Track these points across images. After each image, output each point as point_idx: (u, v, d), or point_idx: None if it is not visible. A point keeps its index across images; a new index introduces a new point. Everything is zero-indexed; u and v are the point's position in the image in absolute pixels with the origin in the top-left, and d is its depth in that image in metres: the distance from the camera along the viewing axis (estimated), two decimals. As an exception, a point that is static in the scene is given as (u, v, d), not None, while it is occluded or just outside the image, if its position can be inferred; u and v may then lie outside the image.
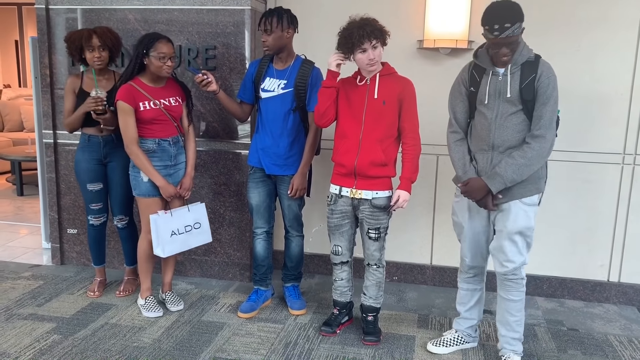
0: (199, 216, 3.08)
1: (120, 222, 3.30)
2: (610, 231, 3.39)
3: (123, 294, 3.32)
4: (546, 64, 2.37)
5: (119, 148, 3.07)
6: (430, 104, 3.22)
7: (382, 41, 2.57)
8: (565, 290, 3.49)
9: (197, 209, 3.08)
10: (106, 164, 3.19)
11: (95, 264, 3.40)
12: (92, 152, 3.15)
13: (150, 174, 2.89)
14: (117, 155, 3.15)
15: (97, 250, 3.37)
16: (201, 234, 3.11)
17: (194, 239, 3.08)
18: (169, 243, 2.97)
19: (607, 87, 3.25)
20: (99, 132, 3.12)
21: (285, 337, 2.88)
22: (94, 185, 3.20)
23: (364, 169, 2.65)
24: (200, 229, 3.09)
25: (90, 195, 3.21)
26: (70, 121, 3.10)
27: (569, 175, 3.35)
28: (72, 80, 3.13)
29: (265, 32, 2.83)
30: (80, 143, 3.18)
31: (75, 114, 3.06)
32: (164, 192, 2.93)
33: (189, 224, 3.04)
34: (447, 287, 3.61)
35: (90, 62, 3.05)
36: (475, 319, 2.76)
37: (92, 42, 3.00)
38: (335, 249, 2.85)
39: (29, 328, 2.91)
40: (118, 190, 3.22)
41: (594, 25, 3.20)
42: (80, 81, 3.12)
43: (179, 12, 3.40)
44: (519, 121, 2.39)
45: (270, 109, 2.95)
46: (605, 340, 2.95)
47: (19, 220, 4.98)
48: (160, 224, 2.94)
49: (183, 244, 3.04)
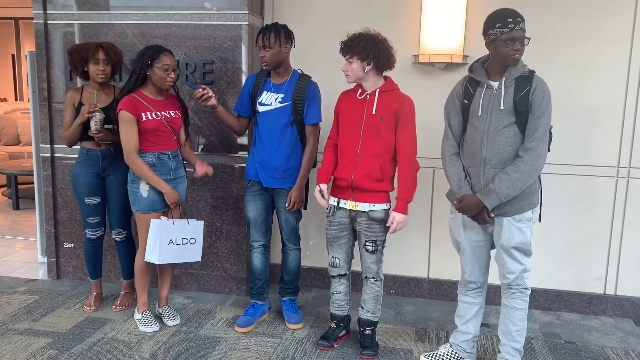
0: (195, 232, 3.07)
1: (118, 236, 3.29)
2: (606, 244, 3.40)
3: (120, 308, 3.31)
4: (540, 79, 2.41)
5: (118, 162, 3.08)
6: (426, 118, 3.23)
7: (363, 58, 2.60)
8: (562, 303, 3.50)
9: (196, 225, 3.07)
10: (104, 178, 3.19)
11: (92, 278, 3.37)
12: (90, 166, 3.15)
13: (155, 182, 2.88)
14: (115, 168, 3.15)
15: (94, 264, 3.35)
16: (193, 251, 3.06)
17: (186, 254, 3.04)
18: (165, 251, 2.94)
19: (600, 101, 3.29)
20: (97, 146, 3.12)
21: (282, 352, 2.87)
22: (92, 199, 3.19)
23: (360, 182, 2.67)
24: (194, 245, 3.06)
25: (88, 208, 3.20)
26: (68, 134, 3.10)
27: (564, 189, 3.38)
28: (72, 94, 3.14)
29: (264, 48, 2.85)
30: (79, 157, 3.18)
31: (72, 126, 3.07)
32: (170, 198, 2.91)
33: (186, 237, 3.03)
34: (445, 300, 3.61)
35: (93, 75, 3.07)
36: (471, 334, 2.74)
37: (98, 56, 3.03)
38: (333, 261, 2.86)
39: (24, 343, 2.89)
40: (116, 204, 3.21)
41: (587, 41, 3.25)
42: (80, 95, 3.13)
43: (177, 27, 3.43)
44: (511, 134, 2.41)
45: (268, 122, 2.97)
46: (602, 353, 2.96)
47: (14, 235, 4.96)
48: (162, 229, 2.92)
49: (177, 256, 3.01)
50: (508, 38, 2.33)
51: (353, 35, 2.64)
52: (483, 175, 2.46)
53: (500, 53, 2.38)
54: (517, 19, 2.33)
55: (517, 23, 2.33)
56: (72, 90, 3.17)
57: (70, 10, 3.55)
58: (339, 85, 2.95)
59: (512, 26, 2.32)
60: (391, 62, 2.67)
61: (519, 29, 2.33)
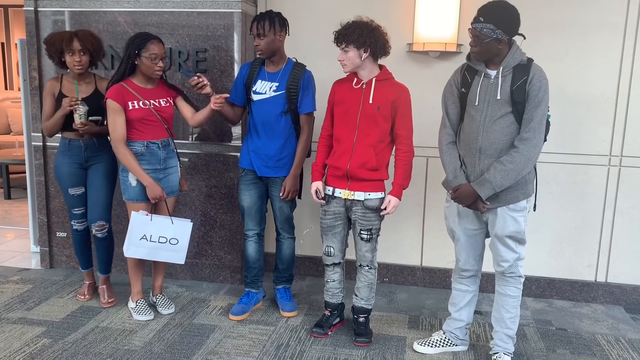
0: (180, 233, 2.94)
1: (100, 231, 3.12)
2: (598, 232, 3.43)
3: (110, 305, 3.21)
4: (538, 68, 2.40)
5: (101, 152, 3.07)
6: (420, 107, 3.24)
7: (359, 46, 2.59)
8: (554, 290, 3.53)
9: (182, 225, 2.96)
10: (87, 168, 3.12)
11: (83, 268, 3.34)
12: (72, 156, 3.08)
13: (137, 173, 2.85)
14: (98, 158, 3.11)
15: (84, 254, 3.30)
16: (174, 252, 2.95)
17: (164, 253, 2.95)
18: (135, 245, 2.90)
19: (593, 90, 3.30)
20: (79, 136, 3.05)
21: (276, 339, 2.89)
22: (76, 190, 3.13)
23: (356, 171, 2.68)
24: (177, 246, 2.94)
25: (72, 199, 3.15)
26: (49, 125, 3.03)
27: (556, 177, 3.40)
28: (52, 84, 3.06)
29: (258, 36, 2.83)
30: (61, 147, 3.12)
31: (54, 118, 2.99)
32: (150, 192, 2.86)
33: (165, 236, 2.92)
34: (438, 288, 3.64)
35: (70, 66, 2.98)
36: (464, 321, 2.77)
37: (73, 46, 2.93)
38: (328, 250, 2.86)
39: (18, 332, 2.89)
40: (98, 194, 3.11)
41: (581, 30, 3.25)
42: (60, 84, 3.05)
43: (169, 15, 3.40)
44: (507, 124, 2.41)
45: (262, 111, 2.96)
46: (593, 340, 2.99)
47: (6, 224, 4.93)
48: (134, 223, 2.88)
49: (150, 253, 2.94)
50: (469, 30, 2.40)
51: (347, 24, 2.62)
52: (478, 165, 2.46)
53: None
54: (479, 18, 2.34)
55: (475, 20, 2.36)
56: (51, 80, 3.09)
57: (61, -3, 3.52)
58: (333, 74, 2.94)
59: (472, 21, 2.37)
60: (387, 49, 2.68)
61: (472, 27, 2.36)
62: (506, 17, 2.33)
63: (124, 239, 2.90)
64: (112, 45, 3.48)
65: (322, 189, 2.81)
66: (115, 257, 3.46)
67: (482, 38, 2.34)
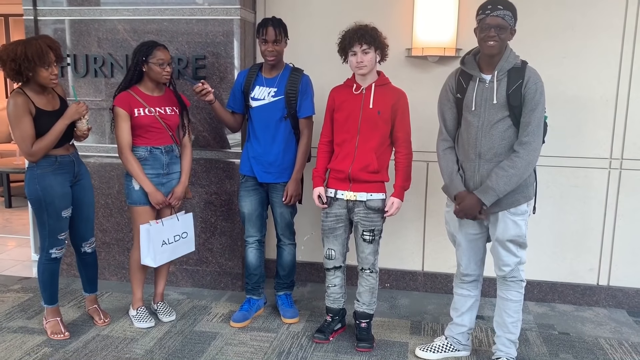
0: (186, 226, 3.09)
1: (89, 247, 3.02)
2: (599, 235, 3.42)
3: (107, 323, 3.08)
4: (533, 70, 2.40)
5: (82, 164, 2.93)
6: (419, 111, 3.24)
7: (376, 48, 2.64)
8: (556, 294, 3.52)
9: (186, 218, 3.09)
10: (74, 185, 2.86)
11: (52, 303, 2.94)
12: (64, 174, 2.80)
13: (140, 180, 2.89)
14: (83, 171, 2.93)
15: (55, 286, 2.94)
16: (187, 244, 3.11)
17: (180, 248, 3.09)
18: (159, 252, 2.96)
19: (593, 93, 3.30)
20: (66, 151, 2.81)
21: (278, 346, 2.88)
22: (67, 211, 2.83)
23: (358, 174, 2.70)
24: (187, 238, 3.10)
25: (62, 223, 2.81)
26: (47, 143, 2.67)
27: (556, 181, 3.40)
28: (24, 101, 2.63)
29: (274, 43, 2.84)
30: (48, 167, 2.74)
31: (54, 133, 2.67)
32: (152, 198, 2.91)
33: (177, 233, 3.04)
34: (439, 293, 3.63)
35: (46, 81, 2.65)
36: (466, 326, 2.76)
37: (50, 58, 2.63)
38: (329, 253, 2.86)
39: (19, 341, 2.88)
40: (90, 211, 2.97)
41: (580, 33, 3.26)
42: (29, 99, 2.66)
43: (168, 23, 3.40)
44: (505, 128, 2.41)
45: (261, 117, 2.96)
46: (596, 344, 2.98)
47: (7, 233, 4.93)
48: (152, 233, 2.93)
49: (172, 253, 3.05)
50: (482, 24, 2.33)
51: (361, 26, 2.64)
52: (478, 170, 2.46)
53: (478, 40, 2.38)
54: (498, 6, 2.29)
55: (495, 9, 2.29)
56: (19, 96, 2.64)
57: (60, 5, 3.52)
58: (332, 79, 2.95)
59: (489, 12, 2.30)
60: (387, 54, 2.74)
61: (495, 15, 2.29)
62: (515, 8, 2.35)
63: (125, 247, 2.90)
64: (111, 54, 3.49)
65: (324, 194, 2.81)
66: (115, 265, 3.46)
67: (505, 27, 2.31)
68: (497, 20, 2.29)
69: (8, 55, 2.59)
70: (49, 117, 2.70)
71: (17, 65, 2.60)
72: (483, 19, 2.33)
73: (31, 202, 2.81)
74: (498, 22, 2.30)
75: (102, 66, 3.51)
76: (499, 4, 2.30)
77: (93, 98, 3.54)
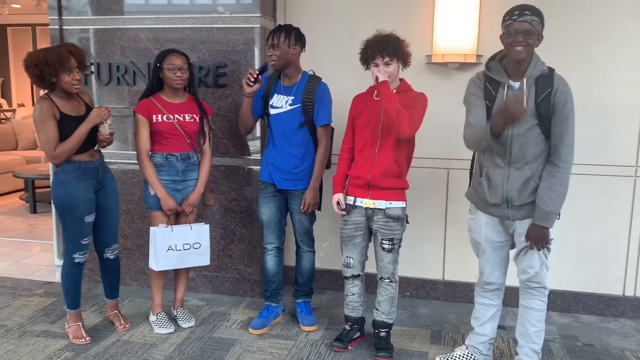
0: (200, 237, 3.05)
1: (113, 253, 3.06)
2: (625, 245, 3.35)
3: (128, 328, 3.11)
4: (561, 78, 2.36)
5: (108, 170, 2.97)
6: (439, 118, 3.22)
7: (398, 59, 2.62)
8: (580, 304, 3.44)
9: (200, 229, 3.05)
10: (98, 191, 2.90)
11: (75, 307, 2.99)
12: (89, 180, 2.84)
13: (154, 185, 2.92)
14: (108, 178, 2.97)
15: (78, 290, 2.98)
16: (200, 255, 3.06)
17: (191, 258, 3.04)
18: (163, 257, 2.97)
19: (617, 99, 3.24)
20: (91, 157, 2.85)
21: (296, 354, 2.87)
22: (91, 217, 2.87)
23: (378, 180, 2.68)
24: (200, 249, 3.05)
25: (85, 228, 2.85)
26: (71, 146, 2.72)
27: (581, 189, 3.33)
28: (49, 105, 2.71)
29: (272, 47, 2.87)
30: (72, 172, 2.79)
31: (77, 136, 2.72)
32: (164, 204, 2.93)
33: (188, 242, 3.01)
34: (460, 302, 3.58)
35: (67, 86, 2.71)
36: (488, 336, 2.71)
37: (71, 64, 2.69)
38: (347, 261, 2.85)
39: (41, 345, 2.92)
40: (114, 217, 3.01)
41: (604, 39, 3.20)
42: (54, 104, 2.74)
43: (189, 31, 3.44)
44: (535, 136, 2.37)
45: (279, 125, 2.98)
46: (622, 356, 2.90)
47: (32, 238, 5.02)
48: (158, 237, 2.94)
49: (178, 261, 3.02)
50: (510, 29, 2.30)
51: (383, 37, 2.62)
52: (507, 179, 2.42)
53: (505, 46, 2.35)
54: (525, 12, 2.27)
55: (522, 15, 2.27)
56: (45, 101, 2.72)
57: (85, 15, 3.60)
58: (350, 86, 2.95)
59: (516, 17, 2.28)
60: (409, 61, 2.72)
61: (522, 21, 2.26)
62: (542, 14, 2.31)
63: (146, 252, 2.92)
64: (134, 62, 3.54)
65: (343, 200, 2.80)
66: (136, 271, 3.49)
67: (532, 32, 2.28)
68: (524, 25, 2.27)
69: (31, 61, 2.68)
70: (73, 122, 2.75)
71: (39, 71, 2.67)
72: (510, 24, 2.30)
73: (55, 207, 2.89)
74: (525, 28, 2.27)
75: (125, 74, 3.57)
76: (526, 10, 2.28)
77: (116, 105, 3.59)
